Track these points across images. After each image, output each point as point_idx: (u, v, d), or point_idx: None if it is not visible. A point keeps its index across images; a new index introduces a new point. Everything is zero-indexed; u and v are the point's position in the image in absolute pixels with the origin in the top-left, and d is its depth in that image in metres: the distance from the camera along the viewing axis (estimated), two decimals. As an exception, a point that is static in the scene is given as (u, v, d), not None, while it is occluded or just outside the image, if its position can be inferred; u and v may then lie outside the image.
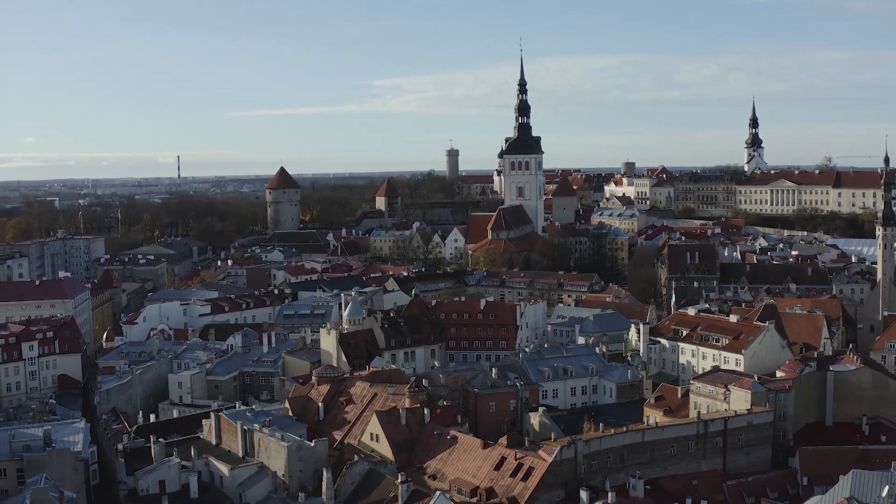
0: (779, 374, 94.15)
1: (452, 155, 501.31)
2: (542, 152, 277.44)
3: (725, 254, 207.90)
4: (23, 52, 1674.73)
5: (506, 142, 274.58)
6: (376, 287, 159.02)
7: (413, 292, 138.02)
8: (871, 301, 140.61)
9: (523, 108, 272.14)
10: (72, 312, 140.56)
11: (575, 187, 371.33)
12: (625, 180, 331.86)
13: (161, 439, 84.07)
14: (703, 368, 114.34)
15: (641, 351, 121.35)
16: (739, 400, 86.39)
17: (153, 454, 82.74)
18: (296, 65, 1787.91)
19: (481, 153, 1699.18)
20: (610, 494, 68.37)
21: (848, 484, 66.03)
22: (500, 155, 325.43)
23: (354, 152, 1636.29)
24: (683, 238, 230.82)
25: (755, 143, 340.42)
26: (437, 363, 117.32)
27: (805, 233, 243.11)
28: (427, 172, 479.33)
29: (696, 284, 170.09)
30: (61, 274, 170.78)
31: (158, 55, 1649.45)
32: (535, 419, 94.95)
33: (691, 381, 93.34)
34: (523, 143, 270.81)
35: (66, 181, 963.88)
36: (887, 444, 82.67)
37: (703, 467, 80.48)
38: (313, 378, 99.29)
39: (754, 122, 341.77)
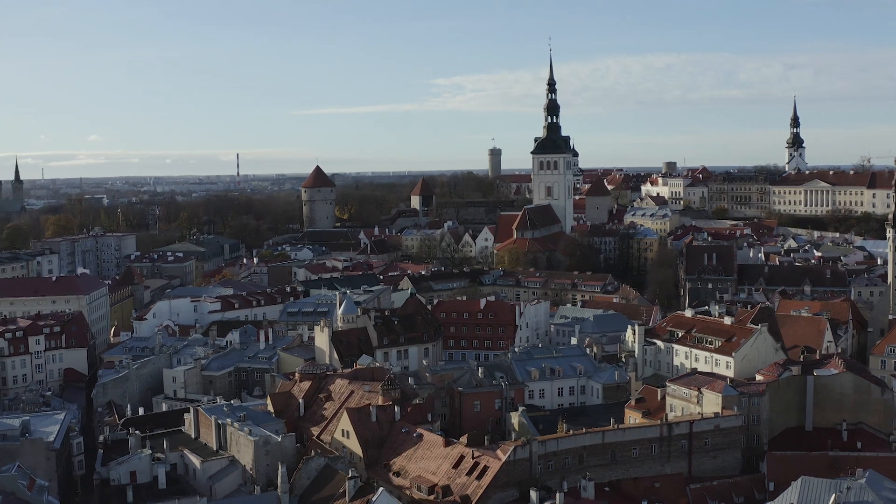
0: (758, 377, 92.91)
1: (495, 154, 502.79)
2: (573, 151, 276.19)
3: (751, 255, 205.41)
4: (88, 51, 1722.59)
5: (535, 141, 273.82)
6: (384, 286, 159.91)
7: (410, 291, 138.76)
8: (882, 304, 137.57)
9: (552, 108, 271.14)
10: (85, 308, 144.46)
11: (612, 187, 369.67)
12: (660, 180, 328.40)
13: (137, 431, 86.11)
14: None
15: (636, 352, 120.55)
16: (711, 403, 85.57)
17: (129, 446, 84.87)
18: (358, 64, 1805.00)
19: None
20: (559, 495, 68.48)
21: (796, 491, 65.30)
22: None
23: (410, 151, 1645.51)
24: (709, 238, 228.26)
25: (796, 142, 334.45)
26: (426, 361, 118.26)
27: (836, 234, 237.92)
28: (466, 172, 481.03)
29: (710, 286, 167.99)
30: (79, 270, 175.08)
31: (223, 55, 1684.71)
32: (514, 419, 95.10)
33: (667, 384, 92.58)
34: (552, 143, 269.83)
35: (128, 178, 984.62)
36: (860, 451, 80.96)
37: (668, 470, 79.85)
38: (296, 374, 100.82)
39: (795, 122, 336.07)
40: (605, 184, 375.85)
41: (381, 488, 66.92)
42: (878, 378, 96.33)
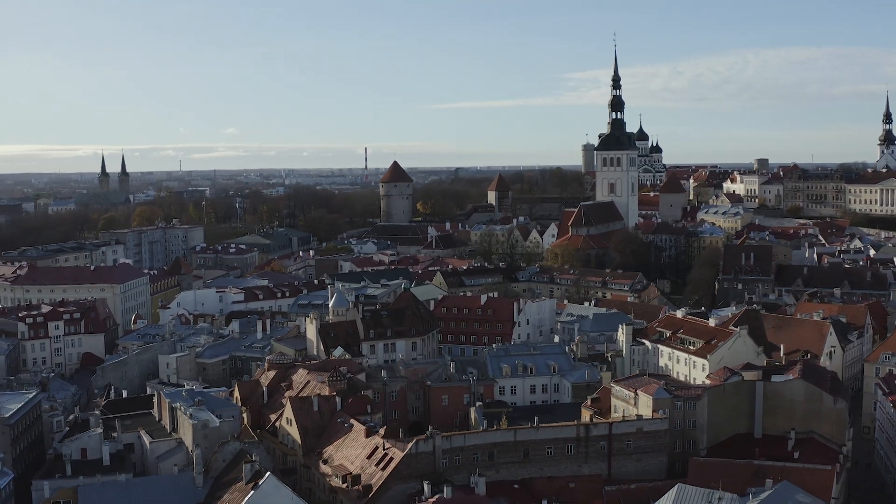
0: (704, 381, 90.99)
1: (588, 149, 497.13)
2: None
3: (806, 255, 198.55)
4: (225, 47, 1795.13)
5: (599, 137, 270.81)
6: (401, 281, 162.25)
7: (404, 286, 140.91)
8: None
9: (616, 104, 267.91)
10: (118, 296, 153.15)
11: (695, 184, 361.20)
12: (739, 177, 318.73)
13: (97, 411, 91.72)
14: (677, 372, 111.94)
15: (624, 352, 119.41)
16: (644, 405, 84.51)
17: (90, 424, 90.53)
18: (495, 58, 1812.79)
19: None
20: (446, 489, 69.85)
21: (671, 498, 64.55)
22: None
23: (540, 145, 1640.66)
24: (769, 237, 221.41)
25: (888, 139, 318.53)
26: (414, 355, 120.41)
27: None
28: (555, 167, 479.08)
29: (738, 286, 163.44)
30: (121, 261, 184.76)
31: (360, 49, 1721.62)
32: (472, 414, 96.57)
33: (612, 384, 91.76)
34: (615, 140, 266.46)
35: (262, 171, 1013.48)
36: (797, 462, 78.32)
37: (586, 471, 79.49)
38: (266, 364, 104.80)
39: (888, 118, 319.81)
40: (691, 180, 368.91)
41: (268, 472, 69.64)
42: (838, 387, 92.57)
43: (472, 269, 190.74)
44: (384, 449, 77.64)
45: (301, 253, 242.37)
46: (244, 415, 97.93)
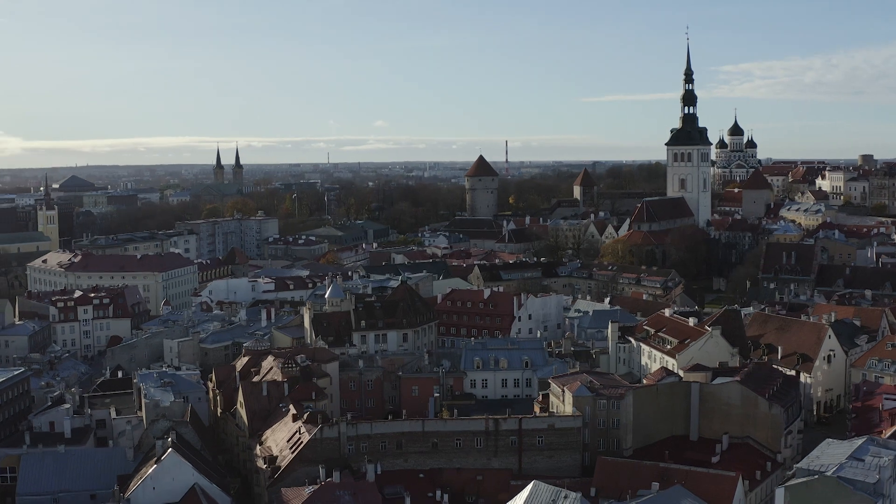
0: (644, 381, 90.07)
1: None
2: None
3: (868, 255, 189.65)
4: (375, 41, 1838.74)
5: (671, 132, 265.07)
6: (427, 274, 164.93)
7: (401, 279, 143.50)
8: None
9: (689, 98, 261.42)
10: (160, 284, 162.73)
11: (791, 180, 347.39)
12: (827, 174, 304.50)
13: (73, 389, 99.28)
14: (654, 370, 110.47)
15: (610, 349, 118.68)
16: (568, 402, 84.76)
17: (66, 401, 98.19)
18: (645, 51, 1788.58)
19: (787, 141, 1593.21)
20: (335, 473, 72.86)
21: (526, 493, 65.41)
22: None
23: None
24: (838, 236, 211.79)
25: None
26: (405, 346, 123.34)
27: None
28: (654, 162, 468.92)
29: (771, 286, 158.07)
30: (173, 250, 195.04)
31: (514, 41, 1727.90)
32: (429, 404, 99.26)
33: (550, 380, 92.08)
34: (686, 135, 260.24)
35: (406, 163, 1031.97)
36: (707, 467, 76.90)
37: (496, 465, 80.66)
38: (244, 350, 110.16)
39: None
40: (790, 176, 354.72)
41: (169, 449, 74.43)
42: (789, 392, 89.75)
43: (512, 264, 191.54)
44: (300, 434, 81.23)
45: (364, 245, 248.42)
46: (218, 398, 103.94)
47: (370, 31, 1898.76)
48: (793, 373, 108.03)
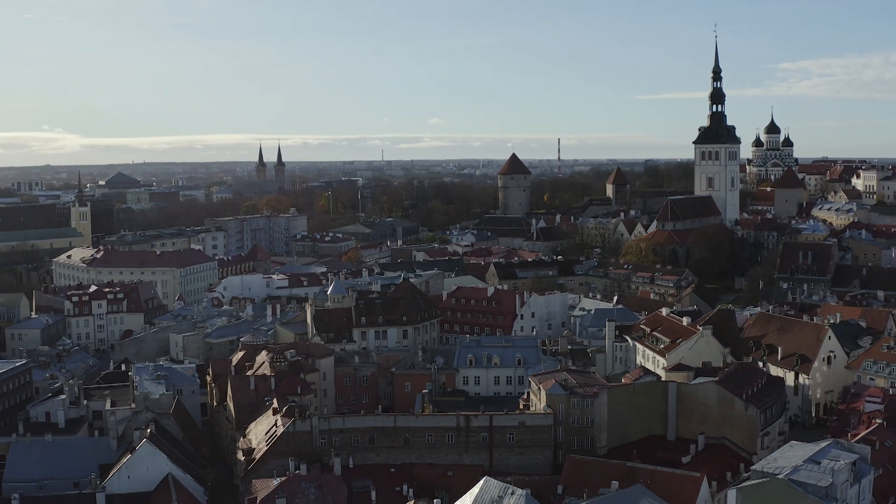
0: (623, 380, 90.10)
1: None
2: (738, 142, 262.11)
3: (893, 255, 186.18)
4: (429, 39, 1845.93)
5: (699, 130, 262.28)
6: (436, 272, 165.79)
7: (402, 276, 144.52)
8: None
9: (717, 96, 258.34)
10: (178, 280, 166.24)
11: (828, 179, 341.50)
12: (862, 173, 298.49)
13: (72, 381, 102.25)
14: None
15: (607, 348, 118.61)
16: (542, 399, 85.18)
17: (64, 392, 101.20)
18: (699, 49, 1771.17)
19: (828, 139, 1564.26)
20: (303, 466, 74.39)
21: (477, 488, 66.15)
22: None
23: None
24: (865, 235, 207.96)
25: None
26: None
27: None
28: (687, 160, 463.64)
29: (785, 286, 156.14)
30: (195, 247, 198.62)
31: (571, 39, 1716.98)
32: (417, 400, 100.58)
33: (530, 378, 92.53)
34: (714, 133, 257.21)
35: (460, 161, 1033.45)
36: (655, 465, 76.50)
37: (467, 461, 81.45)
38: (240, 344, 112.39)
39: None
40: (827, 174, 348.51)
41: (144, 440, 76.62)
42: (771, 393, 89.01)
43: (529, 262, 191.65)
44: (276, 427, 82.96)
45: (388, 243, 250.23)
46: (215, 391, 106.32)
47: (425, 29, 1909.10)
48: (791, 374, 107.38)
